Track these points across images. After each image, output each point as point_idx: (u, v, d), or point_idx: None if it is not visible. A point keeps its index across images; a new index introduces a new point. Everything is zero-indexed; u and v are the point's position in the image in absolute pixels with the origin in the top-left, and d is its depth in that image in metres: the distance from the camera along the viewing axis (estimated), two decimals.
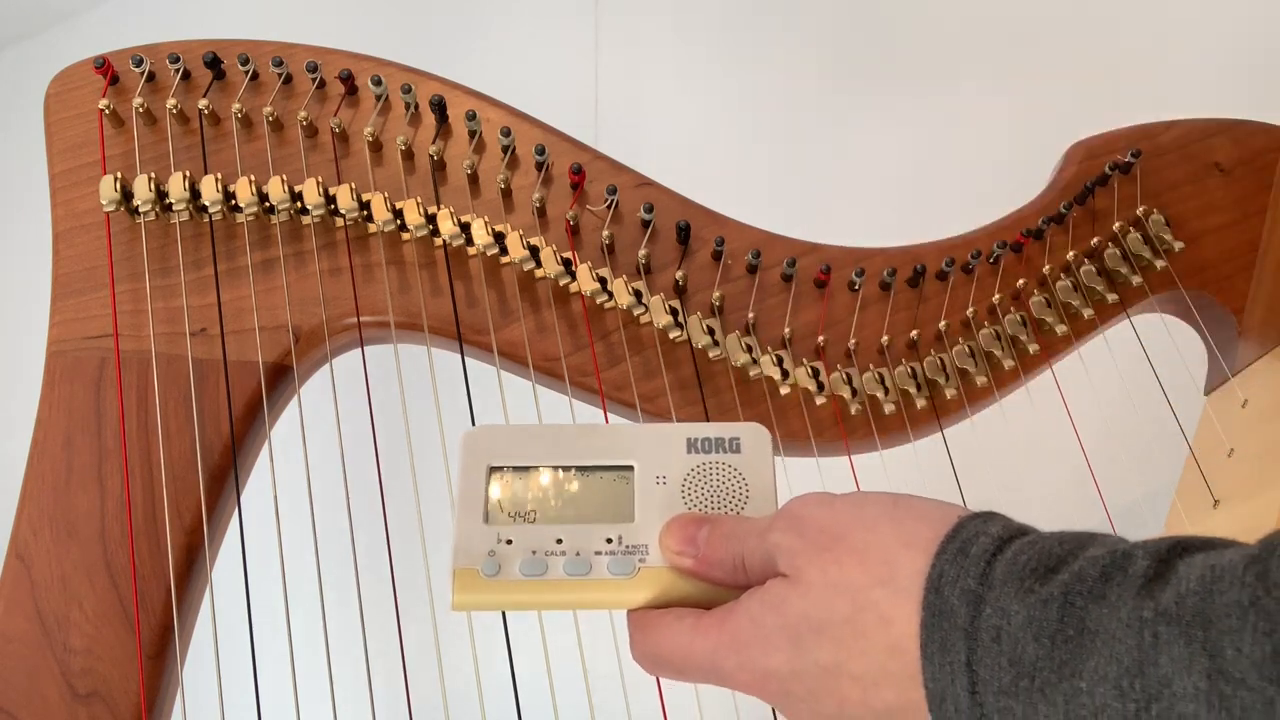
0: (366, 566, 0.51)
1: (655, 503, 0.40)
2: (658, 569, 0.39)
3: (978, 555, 0.32)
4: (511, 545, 0.39)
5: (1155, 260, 0.63)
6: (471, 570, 0.39)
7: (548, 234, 0.58)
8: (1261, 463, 0.57)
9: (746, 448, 0.41)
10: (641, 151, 0.68)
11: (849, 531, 0.35)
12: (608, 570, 0.39)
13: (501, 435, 0.41)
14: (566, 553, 0.39)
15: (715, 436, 0.41)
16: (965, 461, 0.63)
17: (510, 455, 0.41)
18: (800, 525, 0.36)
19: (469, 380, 0.54)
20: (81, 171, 0.57)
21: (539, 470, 0.41)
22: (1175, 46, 1.08)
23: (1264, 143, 0.67)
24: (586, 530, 0.39)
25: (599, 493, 0.40)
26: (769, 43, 1.25)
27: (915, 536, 0.34)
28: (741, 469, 0.41)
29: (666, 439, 0.41)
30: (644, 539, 0.39)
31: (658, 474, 0.40)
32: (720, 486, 0.40)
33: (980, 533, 0.33)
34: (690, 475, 0.41)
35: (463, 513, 0.40)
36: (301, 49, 0.59)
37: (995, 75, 1.14)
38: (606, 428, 0.43)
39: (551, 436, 0.41)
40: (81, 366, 0.53)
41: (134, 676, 0.48)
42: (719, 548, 0.38)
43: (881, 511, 0.35)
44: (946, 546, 0.33)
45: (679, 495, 0.40)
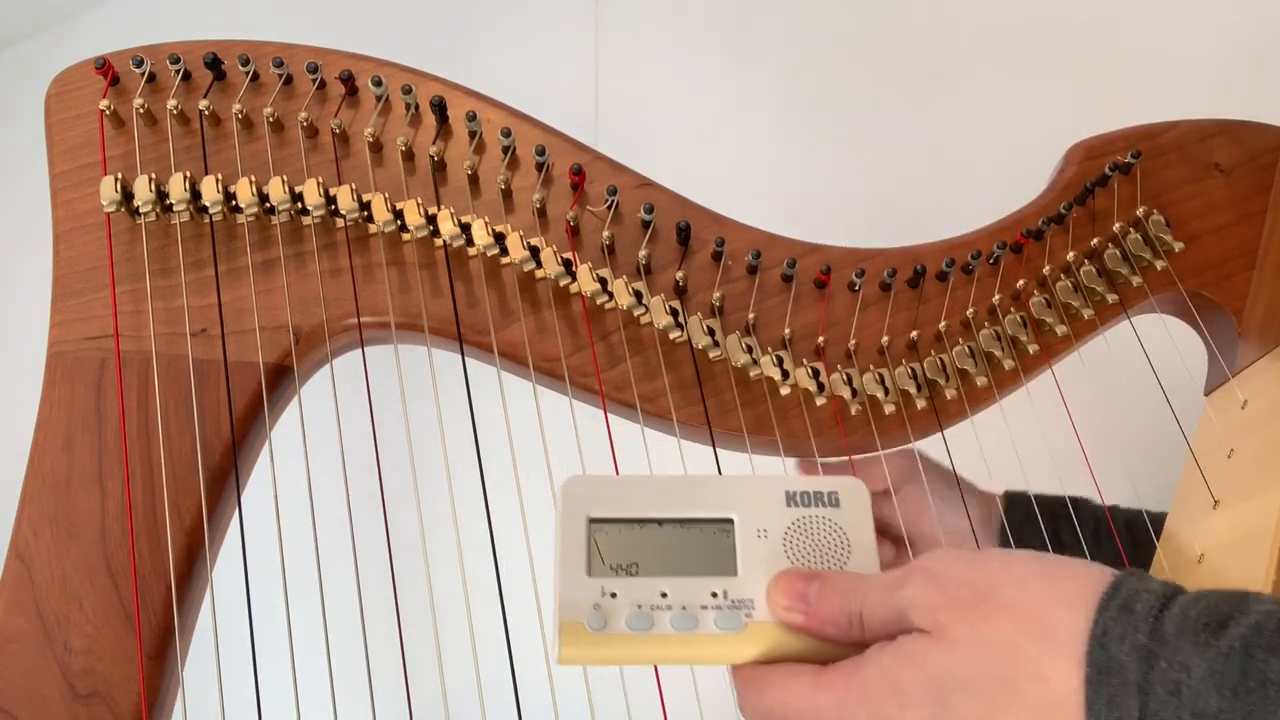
0: (366, 566, 0.51)
1: (758, 557, 0.40)
2: (765, 624, 0.38)
3: (1144, 611, 0.33)
4: (616, 599, 0.39)
5: (1155, 261, 0.63)
6: (578, 624, 0.38)
7: (548, 234, 0.58)
8: (1261, 463, 0.57)
9: (846, 503, 0.41)
10: (641, 151, 0.68)
11: (998, 588, 0.35)
12: (715, 625, 0.38)
13: (600, 486, 0.41)
14: (672, 607, 0.38)
15: (814, 490, 0.41)
16: (965, 462, 0.63)
17: (610, 506, 0.41)
18: (940, 580, 0.35)
19: (469, 380, 0.54)
20: (82, 172, 0.57)
21: (640, 523, 0.40)
22: (1175, 46, 1.08)
23: (1264, 143, 0.67)
24: (691, 584, 0.39)
25: (701, 546, 0.40)
26: (769, 42, 1.25)
27: (1071, 594, 0.34)
28: (842, 524, 0.40)
29: (765, 492, 0.41)
30: (749, 593, 0.39)
31: (758, 527, 0.40)
32: (822, 541, 0.40)
33: (1142, 589, 0.34)
34: (791, 529, 0.40)
35: (565, 564, 0.40)
36: (302, 50, 0.59)
37: (995, 75, 1.14)
38: (704, 479, 0.42)
39: (650, 488, 0.41)
40: (82, 367, 0.53)
41: (134, 676, 0.49)
42: (832, 604, 0.38)
43: (1031, 569, 0.35)
44: (1108, 603, 0.33)
45: (781, 549, 0.40)
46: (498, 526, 0.52)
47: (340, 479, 0.53)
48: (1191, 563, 0.57)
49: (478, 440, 0.53)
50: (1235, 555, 0.54)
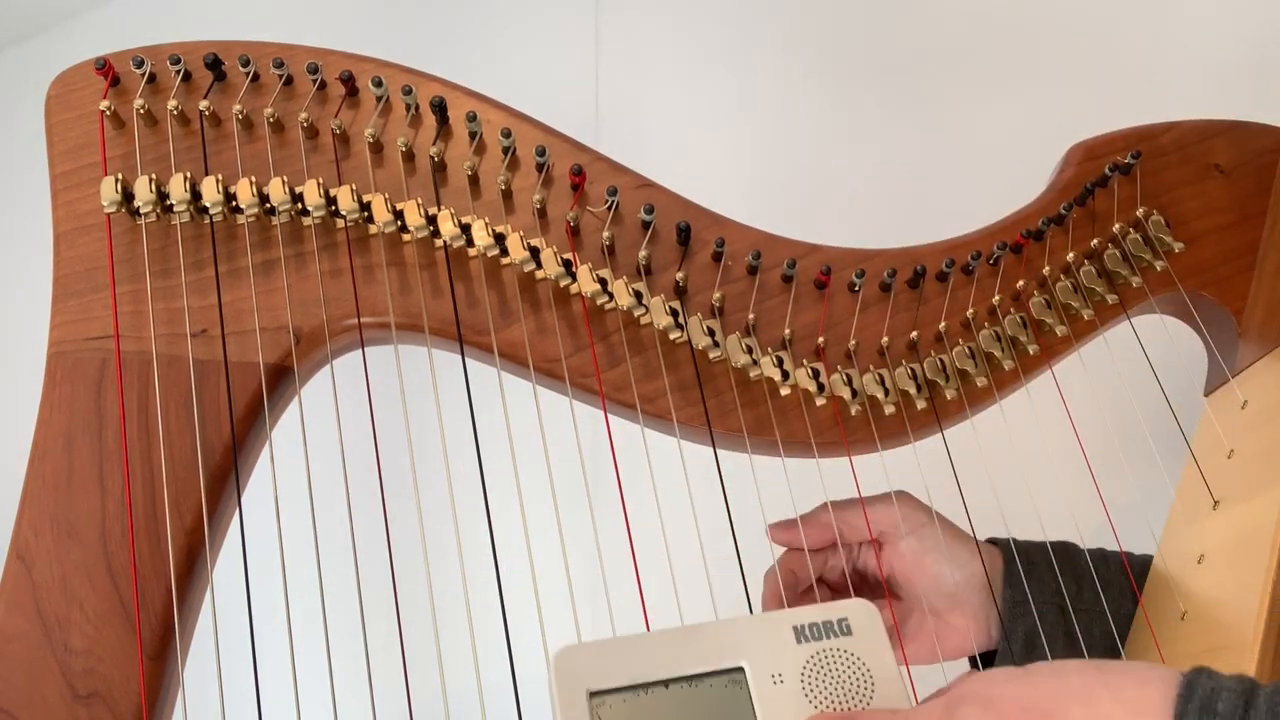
0: (366, 566, 0.51)
1: (779, 706, 0.37)
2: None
3: (1228, 712, 0.31)
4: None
5: (1155, 261, 0.63)
6: None
7: (548, 235, 0.58)
8: (1261, 463, 0.57)
9: (858, 628, 0.38)
10: (642, 152, 0.68)
11: (1062, 706, 0.33)
12: None
13: (595, 654, 0.38)
14: None
15: (822, 621, 0.38)
16: (965, 462, 0.63)
17: (609, 676, 0.38)
18: (995, 706, 0.33)
19: (469, 381, 0.54)
20: (82, 173, 0.57)
21: (644, 688, 0.37)
22: (1175, 47, 1.08)
23: (1264, 143, 0.67)
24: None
25: (714, 703, 0.37)
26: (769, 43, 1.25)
27: (1142, 703, 0.32)
28: (859, 653, 0.38)
29: (771, 631, 0.38)
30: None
31: (772, 672, 0.37)
32: (842, 676, 0.37)
33: (1219, 687, 0.32)
34: (808, 668, 0.38)
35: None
36: (302, 50, 0.59)
37: (995, 76, 1.14)
38: (704, 628, 0.39)
39: (648, 646, 0.38)
40: (82, 367, 0.53)
41: (134, 677, 0.49)
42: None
43: (1090, 681, 0.33)
44: (1186, 708, 0.31)
45: (801, 693, 0.37)
46: (498, 526, 0.52)
47: (340, 479, 0.53)
48: (1191, 563, 0.57)
49: (478, 440, 0.53)
50: (1235, 555, 0.54)
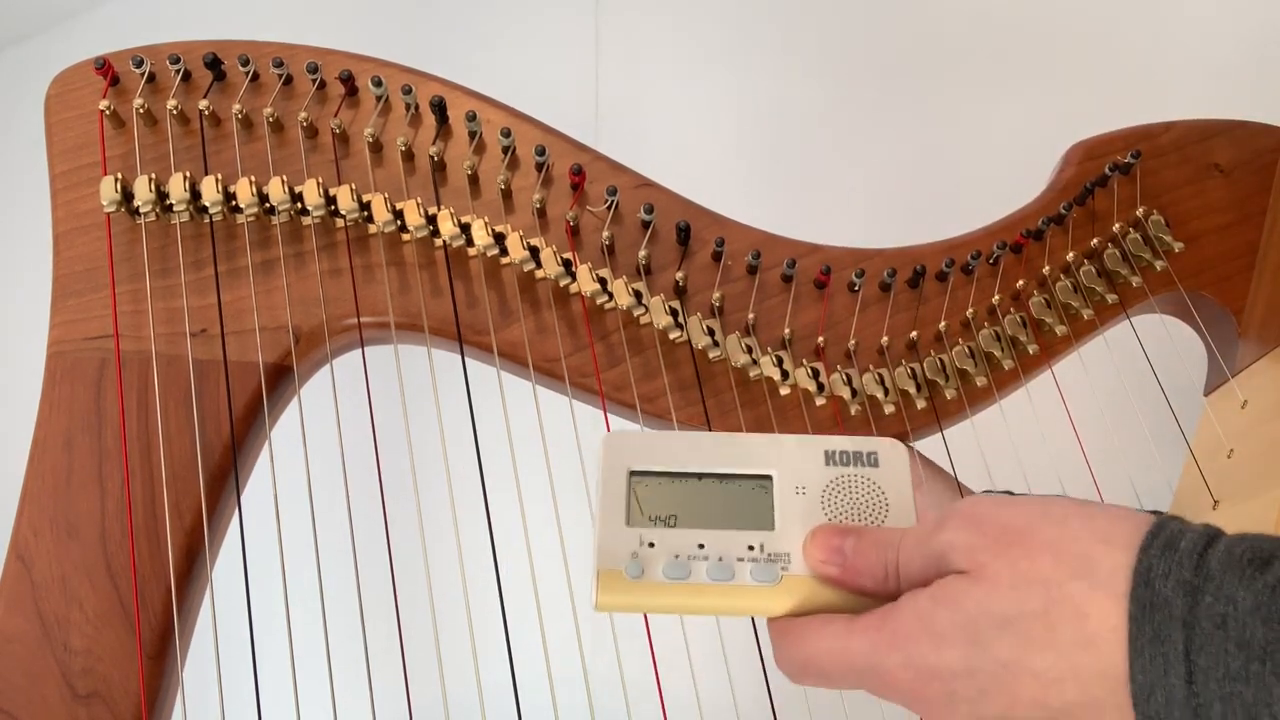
0: (366, 566, 0.51)
1: (795, 512, 0.40)
2: (801, 577, 0.39)
3: (1188, 549, 0.33)
4: (654, 548, 0.39)
5: (1155, 261, 0.63)
6: (616, 571, 0.39)
7: (548, 235, 0.58)
8: (1261, 463, 0.57)
9: (885, 462, 0.41)
10: (641, 151, 0.68)
11: (1037, 527, 0.35)
12: (750, 577, 0.39)
13: (641, 441, 0.42)
14: (709, 558, 0.39)
15: (853, 450, 0.41)
16: (965, 462, 0.63)
17: (650, 460, 0.41)
18: (979, 522, 0.36)
19: (469, 380, 0.54)
20: (82, 172, 0.57)
21: (679, 476, 0.41)
22: (1175, 47, 1.08)
23: (1264, 143, 0.67)
24: (728, 536, 0.39)
25: (739, 500, 0.41)
26: (769, 42, 1.25)
27: (1112, 533, 0.34)
28: (881, 483, 0.41)
29: (804, 450, 0.41)
30: (786, 547, 0.39)
31: (797, 485, 0.41)
32: (860, 499, 0.41)
33: (1185, 529, 0.34)
34: (830, 487, 0.41)
35: (604, 515, 0.40)
36: (302, 50, 0.59)
37: (995, 76, 1.14)
38: (744, 437, 0.43)
39: (690, 444, 0.42)
40: (82, 367, 0.53)
41: (134, 677, 0.49)
42: (868, 555, 0.38)
43: (1068, 509, 0.35)
44: (1152, 542, 0.33)
45: (819, 506, 0.40)
46: (498, 526, 0.52)
47: (340, 479, 0.53)
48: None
49: (478, 440, 0.53)
50: None
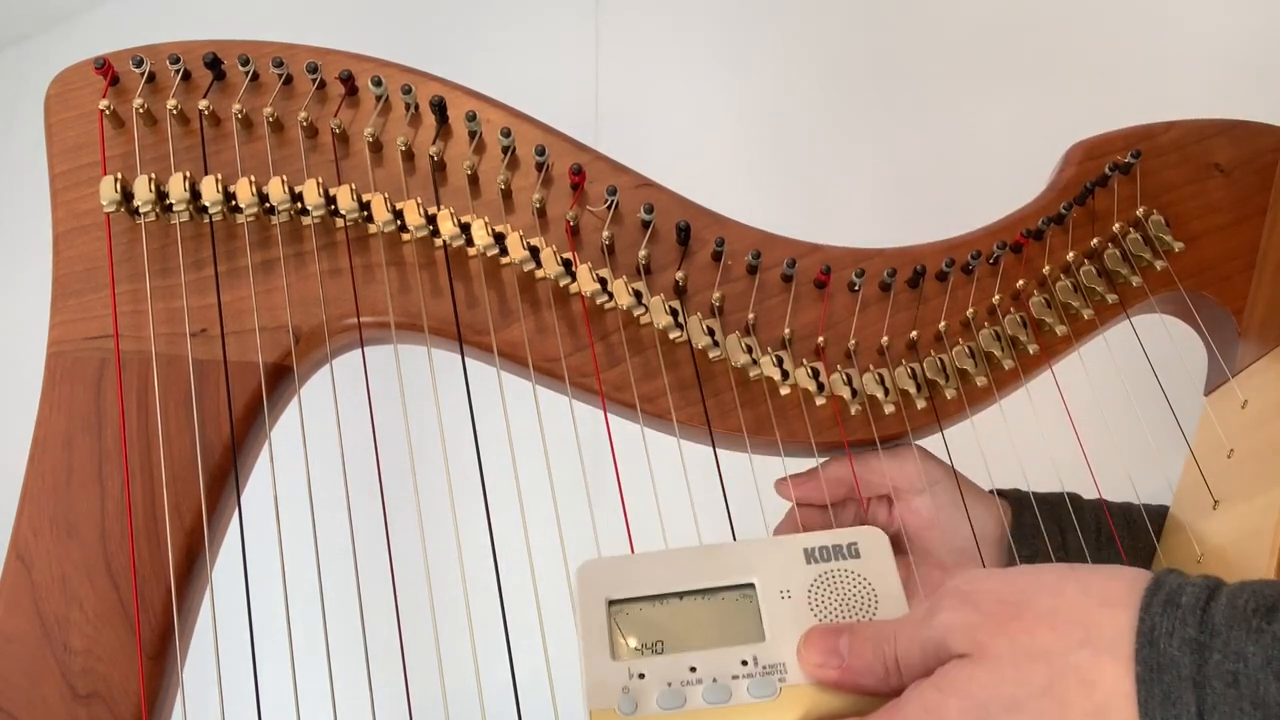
0: (366, 566, 0.51)
1: (784, 618, 0.39)
2: (800, 686, 0.38)
3: (1190, 604, 0.32)
4: (645, 679, 0.38)
5: (1155, 261, 0.63)
6: (609, 710, 0.38)
7: (548, 234, 0.58)
8: (1261, 463, 0.57)
9: (866, 552, 0.41)
10: (641, 151, 0.68)
11: (1034, 597, 0.34)
12: (749, 694, 0.38)
13: (615, 567, 0.41)
14: (703, 680, 0.38)
15: (832, 544, 0.41)
16: (965, 462, 0.63)
17: (627, 586, 0.41)
18: (974, 600, 0.35)
19: (469, 380, 0.54)
20: (82, 172, 0.57)
21: (659, 599, 0.40)
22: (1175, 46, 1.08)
23: (1264, 143, 0.67)
24: (719, 654, 0.38)
25: (724, 615, 0.40)
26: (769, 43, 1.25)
27: (1109, 594, 0.33)
28: (865, 574, 0.40)
29: (783, 552, 0.41)
30: (780, 657, 0.38)
31: (780, 589, 0.40)
32: (847, 594, 0.40)
33: (1184, 583, 0.33)
34: (814, 586, 0.40)
35: (588, 650, 0.39)
36: (302, 49, 0.59)
37: (995, 75, 1.14)
38: (719, 547, 0.42)
39: (665, 562, 0.41)
40: (82, 367, 0.53)
41: (134, 677, 0.48)
42: (865, 652, 0.37)
43: (1061, 575, 0.35)
44: (1152, 600, 0.33)
45: (807, 607, 0.39)
46: (498, 526, 0.52)
47: (340, 479, 0.53)
48: (1191, 563, 0.57)
49: (477, 440, 0.53)
50: (1235, 555, 0.54)
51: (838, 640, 0.38)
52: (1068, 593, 0.34)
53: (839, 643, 0.38)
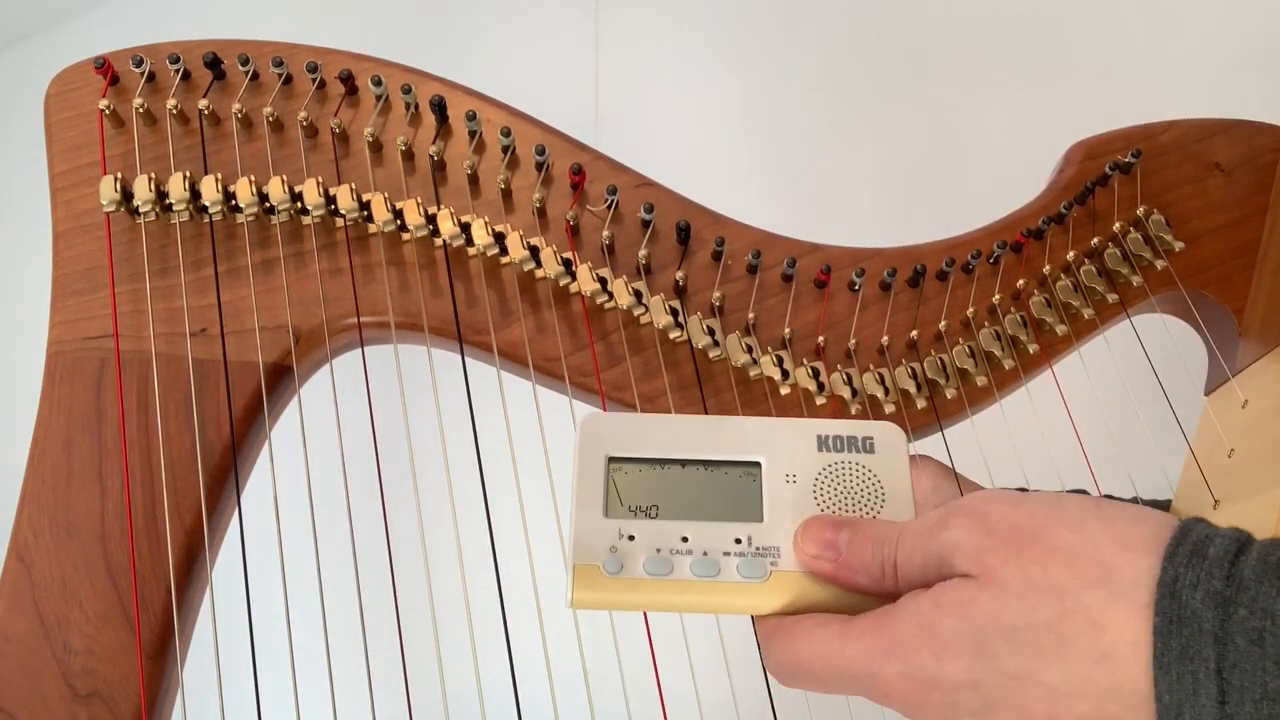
0: (366, 566, 0.51)
1: (786, 502, 0.37)
2: (791, 573, 0.36)
3: (1218, 556, 0.30)
4: (634, 541, 0.37)
5: (1155, 260, 0.63)
6: (593, 567, 0.36)
7: (548, 234, 0.58)
8: (1261, 463, 0.57)
9: (881, 448, 0.39)
10: (641, 151, 0.68)
11: (1051, 529, 0.32)
12: (738, 573, 0.36)
13: (621, 425, 0.40)
14: (693, 552, 0.37)
15: (848, 435, 0.39)
16: (965, 462, 0.63)
17: (630, 446, 0.39)
18: (988, 522, 0.33)
19: (469, 380, 0.54)
20: (82, 172, 0.57)
21: (661, 464, 0.38)
22: (1175, 46, 1.09)
23: (1264, 143, 0.67)
24: (714, 528, 0.37)
25: (725, 489, 0.38)
26: (769, 42, 1.25)
27: (1132, 538, 0.32)
28: (876, 470, 0.38)
29: (796, 435, 0.39)
30: (775, 540, 0.37)
31: (787, 472, 0.38)
32: (854, 488, 0.38)
33: (1213, 534, 0.31)
34: (822, 474, 0.38)
35: (581, 505, 0.38)
36: (302, 49, 0.59)
37: (995, 75, 1.14)
38: (732, 420, 0.40)
39: (673, 428, 0.39)
40: (82, 367, 0.53)
41: (134, 676, 0.48)
42: (864, 551, 0.35)
43: (1084, 510, 0.33)
44: (1177, 549, 0.31)
45: (811, 495, 0.38)
46: (498, 526, 0.52)
47: (340, 479, 0.53)
48: None
49: (477, 440, 0.53)
50: None
51: (838, 533, 0.36)
52: (1088, 530, 0.32)
53: (839, 536, 0.36)
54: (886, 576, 0.35)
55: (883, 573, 0.35)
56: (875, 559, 0.35)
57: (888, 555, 0.35)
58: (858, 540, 0.36)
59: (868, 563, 0.36)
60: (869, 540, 0.36)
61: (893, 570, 0.35)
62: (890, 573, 0.35)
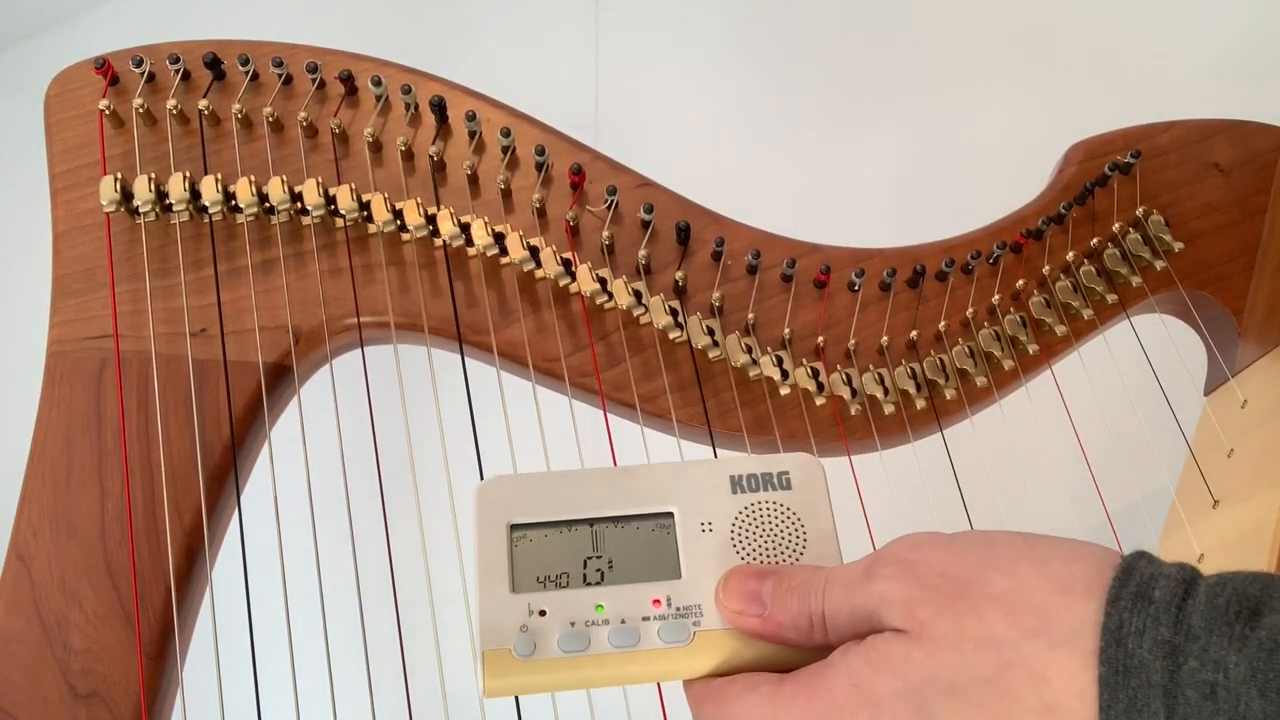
0: (366, 566, 0.51)
1: (704, 554, 0.35)
2: (716, 632, 0.34)
3: (1164, 600, 0.28)
4: (545, 617, 0.34)
5: (1155, 261, 0.63)
6: (503, 651, 0.34)
7: (548, 234, 0.58)
8: (1261, 463, 0.57)
9: (798, 483, 0.36)
10: (641, 151, 0.68)
11: (982, 575, 0.30)
12: (659, 638, 0.34)
13: (519, 486, 0.37)
14: (610, 621, 0.34)
15: (761, 473, 0.36)
16: (965, 462, 0.63)
17: (532, 510, 0.36)
18: (917, 571, 0.31)
19: (469, 380, 0.54)
20: (81, 172, 0.57)
21: (567, 525, 0.36)
22: (1175, 47, 1.09)
23: (1264, 143, 0.67)
24: (629, 591, 0.35)
25: (638, 547, 0.36)
26: (769, 42, 1.25)
27: (1069, 580, 0.30)
28: (795, 509, 0.36)
29: (707, 478, 0.37)
30: (696, 598, 0.34)
31: (702, 520, 0.36)
32: (774, 531, 0.36)
33: (1158, 574, 0.29)
34: (739, 519, 0.36)
35: (485, 581, 0.35)
36: (302, 49, 0.59)
37: (995, 75, 1.14)
38: (637, 469, 0.37)
39: (576, 484, 0.37)
40: (81, 367, 0.53)
41: (134, 676, 0.48)
42: (790, 604, 0.33)
43: (1017, 552, 0.31)
44: (1121, 590, 0.29)
45: (729, 544, 0.35)
46: None
47: (340, 479, 0.53)
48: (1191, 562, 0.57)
49: (477, 440, 0.53)
50: (1235, 555, 0.54)
51: (761, 585, 0.34)
52: (1021, 574, 0.30)
53: (762, 588, 0.34)
54: (815, 629, 0.33)
55: (811, 626, 0.33)
56: (802, 612, 0.33)
57: (815, 607, 0.33)
58: (782, 592, 0.34)
59: (795, 616, 0.33)
60: (794, 591, 0.34)
61: (821, 623, 0.33)
62: (819, 625, 0.33)
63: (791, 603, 0.33)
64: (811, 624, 0.33)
